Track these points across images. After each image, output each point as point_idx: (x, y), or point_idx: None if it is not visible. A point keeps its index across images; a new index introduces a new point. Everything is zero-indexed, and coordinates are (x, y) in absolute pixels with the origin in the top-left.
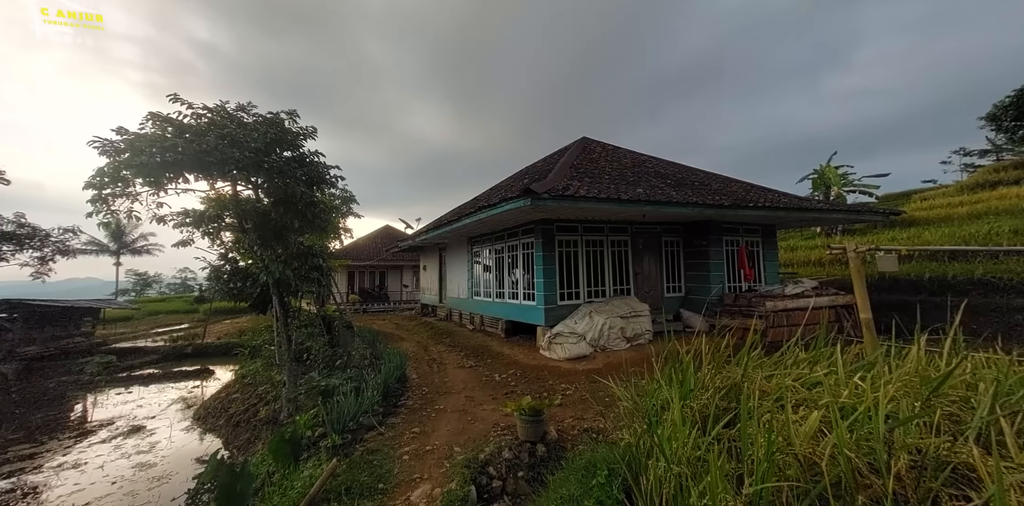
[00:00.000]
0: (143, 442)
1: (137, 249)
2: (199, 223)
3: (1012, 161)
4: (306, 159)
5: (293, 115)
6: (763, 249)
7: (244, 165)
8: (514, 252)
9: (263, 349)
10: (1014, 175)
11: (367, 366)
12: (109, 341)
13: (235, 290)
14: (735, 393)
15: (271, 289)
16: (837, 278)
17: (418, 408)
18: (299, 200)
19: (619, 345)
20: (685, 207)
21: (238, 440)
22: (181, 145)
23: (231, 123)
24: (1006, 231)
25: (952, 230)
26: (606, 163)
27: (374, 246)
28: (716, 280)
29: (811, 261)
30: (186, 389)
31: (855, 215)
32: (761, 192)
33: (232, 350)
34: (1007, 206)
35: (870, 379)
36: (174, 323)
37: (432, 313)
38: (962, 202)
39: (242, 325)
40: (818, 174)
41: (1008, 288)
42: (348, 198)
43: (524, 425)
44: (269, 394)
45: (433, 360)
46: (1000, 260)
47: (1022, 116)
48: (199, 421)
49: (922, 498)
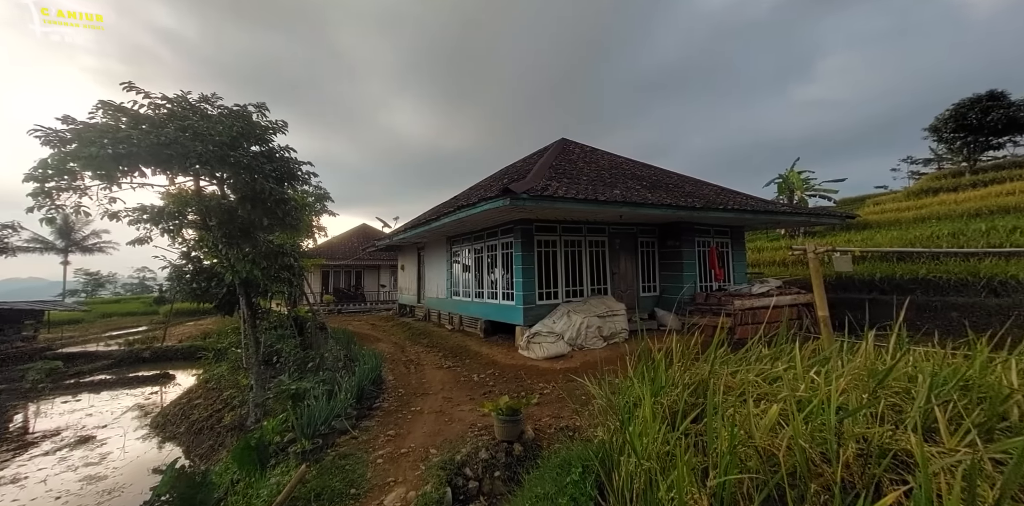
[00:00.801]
0: (92, 453)
1: (88, 247)
2: (158, 220)
3: (951, 170)
4: (275, 154)
5: (262, 108)
6: (732, 250)
7: (207, 159)
8: (493, 252)
9: (229, 352)
10: (952, 183)
11: (341, 368)
12: (55, 346)
13: (199, 290)
14: (703, 389)
15: (238, 289)
16: (799, 278)
17: (394, 410)
18: (268, 197)
19: (596, 344)
20: (659, 208)
21: (200, 448)
22: (136, 136)
23: (193, 115)
24: (945, 234)
25: (900, 233)
26: (584, 164)
27: (350, 245)
28: (689, 280)
29: (776, 262)
30: (143, 396)
31: (815, 218)
32: (731, 195)
33: (195, 353)
34: (946, 211)
35: (824, 373)
36: (130, 326)
37: (410, 313)
38: (908, 207)
39: (207, 327)
40: (783, 178)
41: (947, 287)
42: (322, 195)
43: (501, 425)
44: (235, 399)
45: (410, 361)
46: (941, 261)
47: (960, 129)
48: (157, 429)
49: (867, 484)
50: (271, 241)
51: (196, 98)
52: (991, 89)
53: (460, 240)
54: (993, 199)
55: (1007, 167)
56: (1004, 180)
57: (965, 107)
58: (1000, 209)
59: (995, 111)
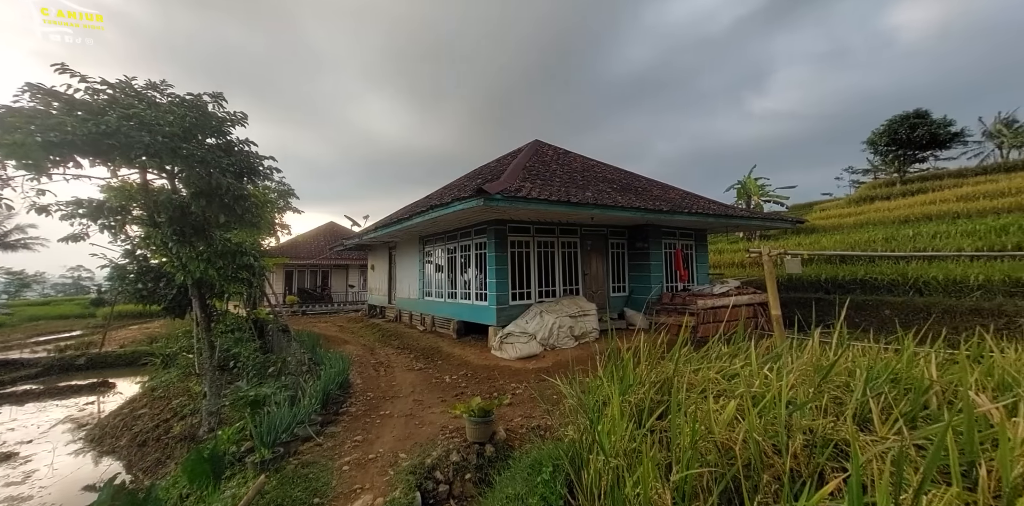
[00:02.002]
0: (15, 471)
1: (11, 243)
2: (96, 215)
3: (885, 180)
4: (234, 148)
5: (219, 98)
6: (696, 252)
7: (156, 151)
8: (467, 252)
9: (180, 357)
10: (885, 192)
11: (305, 372)
12: None
13: (144, 292)
14: (667, 387)
15: (190, 290)
16: (755, 278)
17: (361, 415)
18: (226, 193)
19: (568, 344)
20: (630, 211)
21: (144, 461)
22: (71, 124)
23: (139, 102)
24: (880, 239)
25: (843, 237)
26: (557, 166)
27: (316, 244)
28: (656, 280)
29: (735, 263)
30: (76, 407)
31: (769, 222)
32: (695, 199)
33: (140, 359)
34: (880, 217)
35: (776, 370)
36: (63, 330)
37: (380, 314)
38: (850, 213)
39: (154, 331)
40: (742, 184)
41: (881, 287)
42: (286, 191)
43: (473, 426)
44: (186, 407)
45: (380, 363)
46: (876, 263)
47: (892, 142)
48: (93, 443)
49: (812, 473)
50: (228, 239)
51: (142, 84)
52: (918, 108)
53: (433, 240)
54: (919, 207)
55: (930, 179)
56: (928, 190)
57: (896, 123)
58: (924, 216)
59: (920, 128)
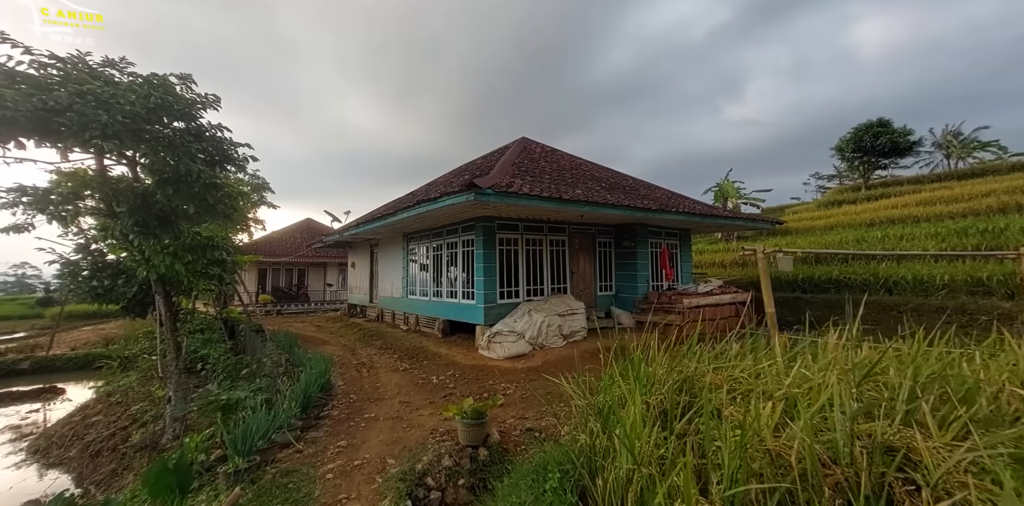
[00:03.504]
0: None
1: None
2: (43, 204)
3: (851, 185)
4: (205, 132)
5: (187, 80)
6: (680, 251)
7: (115, 132)
8: (453, 249)
9: (140, 360)
10: (852, 196)
11: (283, 374)
12: None
13: (100, 290)
14: (688, 386)
15: (154, 287)
16: (736, 278)
17: (345, 418)
18: (195, 180)
19: (556, 342)
20: (619, 209)
21: (98, 473)
22: (12, 97)
23: (95, 80)
24: (851, 240)
25: (816, 238)
26: (546, 164)
27: (293, 241)
28: (643, 279)
29: (716, 263)
30: (18, 415)
31: (751, 223)
32: (680, 199)
33: (94, 363)
34: (848, 220)
35: (817, 369)
36: (4, 332)
37: (361, 314)
38: (819, 216)
39: (110, 332)
40: (719, 187)
41: (854, 285)
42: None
43: (465, 429)
44: (147, 414)
45: (363, 364)
46: (849, 263)
47: (857, 149)
48: (37, 454)
49: (875, 483)
50: (198, 232)
51: (99, 61)
52: (880, 117)
53: (418, 237)
54: (883, 211)
55: (891, 184)
56: (890, 195)
57: (862, 131)
58: (888, 220)
59: (883, 136)
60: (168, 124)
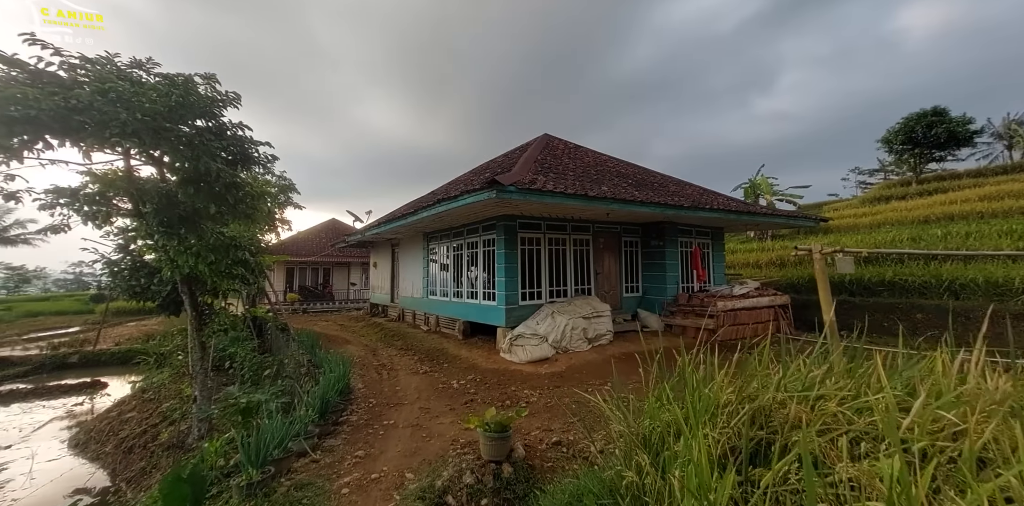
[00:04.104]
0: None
1: (10, 239)
2: (75, 204)
3: (901, 179)
4: (226, 131)
5: (211, 80)
6: (712, 251)
7: (134, 130)
8: (474, 249)
9: (173, 357)
10: (901, 191)
11: (304, 375)
12: None
13: (138, 288)
14: (762, 417)
15: (180, 287)
16: (774, 280)
17: (363, 425)
18: (215, 179)
19: (580, 346)
20: (648, 207)
21: (130, 470)
22: (34, 95)
23: (122, 80)
24: (906, 239)
25: (863, 237)
26: (569, 160)
27: (318, 241)
28: (672, 280)
29: (749, 263)
30: (64, 408)
31: (792, 221)
32: (713, 196)
33: (134, 358)
34: (898, 217)
35: (945, 403)
36: (61, 326)
37: (383, 313)
38: (864, 213)
39: (151, 328)
40: (750, 184)
41: (911, 289)
42: (287, 186)
43: (488, 442)
44: (175, 412)
45: (383, 366)
46: (905, 264)
47: (908, 141)
48: (78, 448)
49: None
50: (222, 232)
51: (126, 62)
52: (935, 105)
53: (438, 237)
54: (939, 207)
55: (947, 178)
56: (946, 190)
57: (913, 121)
58: (945, 216)
59: (938, 126)
60: (189, 122)
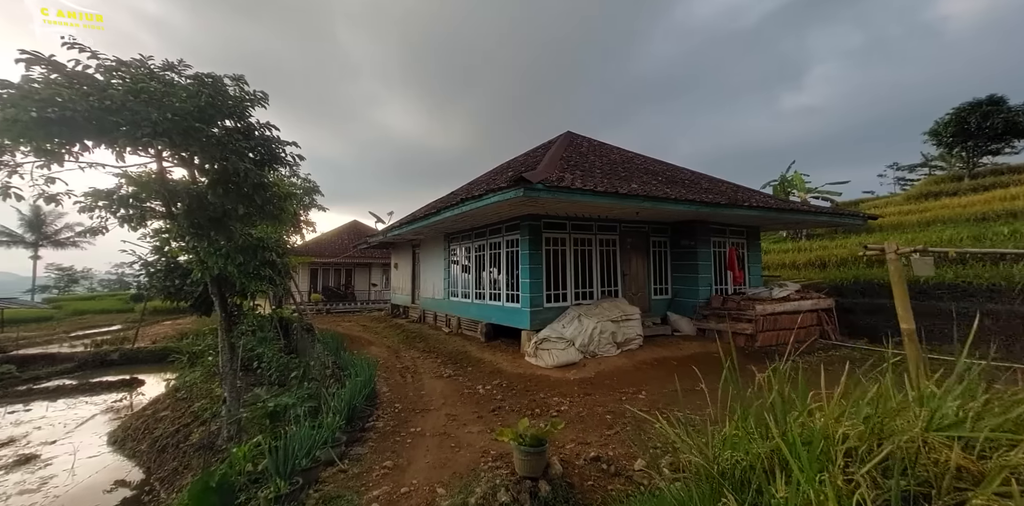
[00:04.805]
0: (32, 477)
1: (60, 241)
2: (114, 206)
3: (951, 174)
4: (254, 131)
5: (240, 81)
6: (747, 251)
7: (165, 130)
8: (497, 250)
9: (205, 355)
10: (952, 187)
11: (329, 377)
12: (8, 348)
13: (171, 288)
14: (902, 462)
15: (210, 288)
16: (814, 281)
17: (390, 432)
18: (244, 180)
19: (609, 351)
20: (683, 204)
21: (163, 469)
22: (67, 96)
23: (153, 81)
24: (965, 236)
25: (912, 235)
26: (595, 158)
27: (340, 242)
28: (704, 282)
29: (784, 264)
30: (105, 404)
31: (837, 218)
32: (748, 192)
33: (169, 356)
34: (951, 215)
35: None
36: (103, 324)
37: (404, 314)
38: (910, 210)
39: (185, 327)
40: (780, 181)
41: (978, 291)
42: (311, 188)
43: (523, 457)
44: (206, 411)
45: (406, 368)
46: (968, 265)
47: (960, 132)
48: (116, 445)
49: None
50: (250, 233)
51: (159, 65)
52: (991, 94)
53: (459, 237)
54: (997, 203)
55: (1005, 172)
56: (1006, 185)
57: (965, 111)
58: (1007, 213)
59: (994, 116)
60: (218, 122)
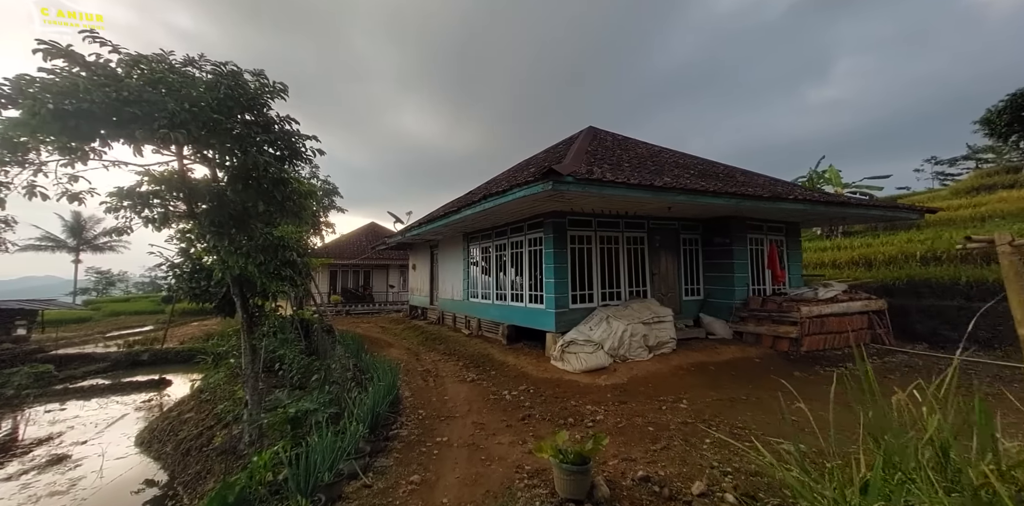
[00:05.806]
0: (62, 478)
1: (99, 245)
2: (136, 205)
3: (1004, 166)
4: (273, 125)
5: (260, 76)
6: (787, 249)
7: (182, 122)
8: (519, 249)
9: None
10: (1008, 179)
11: (350, 381)
12: (48, 347)
13: (197, 290)
14: None
15: (231, 289)
16: (861, 281)
17: (415, 441)
18: (263, 175)
19: (640, 355)
20: (722, 198)
21: (186, 473)
22: (84, 86)
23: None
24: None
25: (972, 232)
26: (621, 151)
27: (358, 244)
28: (740, 282)
29: (824, 263)
30: (134, 404)
31: (891, 212)
32: (788, 186)
33: (195, 357)
34: (1012, 209)
35: None
36: (136, 325)
37: (422, 316)
38: (960, 205)
39: (211, 328)
40: (809, 177)
41: None
42: (331, 190)
43: (566, 477)
44: (229, 414)
45: (428, 372)
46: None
47: (1015, 120)
48: (142, 447)
49: None
50: (270, 232)
51: (180, 60)
52: None
53: (479, 237)
54: None
55: None
56: None
57: (1021, 98)
58: None
59: None
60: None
